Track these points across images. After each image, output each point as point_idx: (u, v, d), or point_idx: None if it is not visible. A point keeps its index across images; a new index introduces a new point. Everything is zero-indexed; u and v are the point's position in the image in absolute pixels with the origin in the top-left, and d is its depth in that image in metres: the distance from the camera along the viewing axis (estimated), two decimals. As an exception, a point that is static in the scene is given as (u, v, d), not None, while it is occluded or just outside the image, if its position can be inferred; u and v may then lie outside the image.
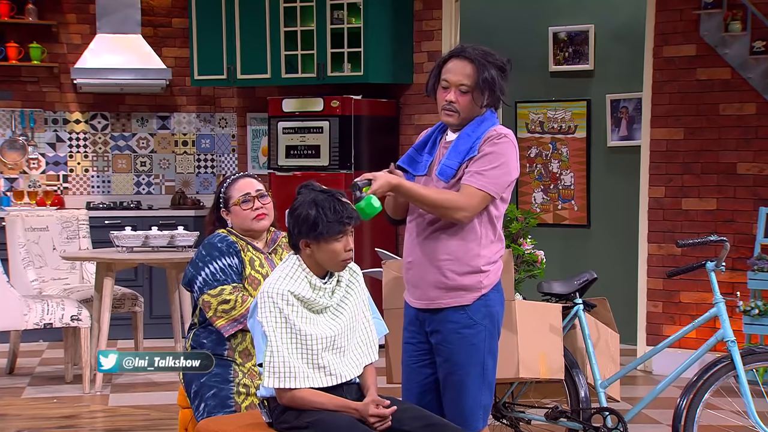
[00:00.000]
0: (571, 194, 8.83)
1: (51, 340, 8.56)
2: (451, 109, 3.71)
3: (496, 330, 3.80)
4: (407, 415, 3.46)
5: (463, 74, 3.67)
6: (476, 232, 3.71)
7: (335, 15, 8.36)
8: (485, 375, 3.75)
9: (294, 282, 3.45)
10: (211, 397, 4.01)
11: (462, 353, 3.71)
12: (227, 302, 4.02)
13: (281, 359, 3.39)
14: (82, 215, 7.99)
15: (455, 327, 3.71)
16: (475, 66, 3.67)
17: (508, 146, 3.69)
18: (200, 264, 4.08)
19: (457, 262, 3.70)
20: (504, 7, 9.07)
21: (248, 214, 4.17)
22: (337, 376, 3.48)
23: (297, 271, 3.48)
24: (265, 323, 3.41)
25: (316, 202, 3.43)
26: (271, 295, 3.42)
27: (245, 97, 9.47)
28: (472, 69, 3.67)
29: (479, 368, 3.73)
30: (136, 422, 6.05)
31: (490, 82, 3.66)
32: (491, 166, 3.65)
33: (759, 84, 7.06)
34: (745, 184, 7.18)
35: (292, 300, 3.42)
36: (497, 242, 3.78)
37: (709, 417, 5.21)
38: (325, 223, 3.41)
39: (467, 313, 3.71)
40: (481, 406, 3.76)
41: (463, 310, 3.71)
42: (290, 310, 3.41)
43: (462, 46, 3.77)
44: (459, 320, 3.71)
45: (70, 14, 9.21)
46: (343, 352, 3.51)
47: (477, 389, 3.74)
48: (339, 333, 3.50)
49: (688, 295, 7.35)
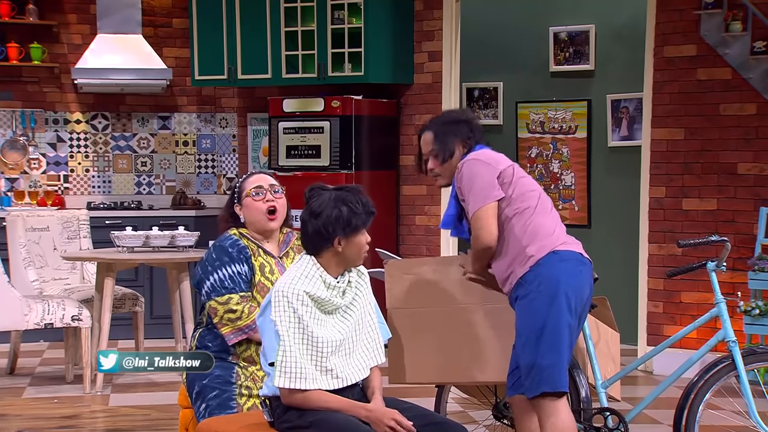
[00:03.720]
0: (571, 194, 8.83)
1: (51, 340, 8.56)
2: (435, 175, 4.19)
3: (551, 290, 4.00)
4: (409, 414, 3.46)
5: (426, 142, 4.19)
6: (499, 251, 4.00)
7: (336, 15, 8.36)
8: (545, 331, 3.97)
9: (309, 282, 3.48)
10: (214, 398, 4.01)
11: (520, 318, 4.01)
12: (233, 312, 4.02)
13: (293, 360, 3.40)
14: (83, 215, 7.99)
15: (512, 300, 4.09)
16: (433, 131, 4.16)
17: (470, 164, 4.02)
18: (209, 268, 4.07)
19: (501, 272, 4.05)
20: (504, 7, 9.07)
21: (259, 206, 4.14)
22: (344, 379, 3.49)
23: (312, 270, 3.50)
24: (279, 322, 3.42)
25: (341, 199, 3.53)
26: (286, 294, 3.44)
27: (246, 97, 9.47)
28: (431, 135, 4.16)
29: (536, 326, 3.97)
30: (136, 422, 6.05)
31: (442, 136, 4.11)
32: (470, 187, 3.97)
33: (759, 84, 7.06)
34: (745, 184, 7.18)
35: (306, 300, 3.44)
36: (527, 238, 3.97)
37: (711, 417, 5.21)
38: (358, 216, 3.51)
39: (523, 287, 3.98)
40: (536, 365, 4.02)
41: (519, 285, 3.99)
42: (304, 311, 3.43)
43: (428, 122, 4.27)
44: (515, 294, 4.03)
45: (71, 14, 9.21)
46: (350, 355, 3.52)
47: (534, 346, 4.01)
48: (347, 336, 3.51)
49: (688, 295, 7.35)
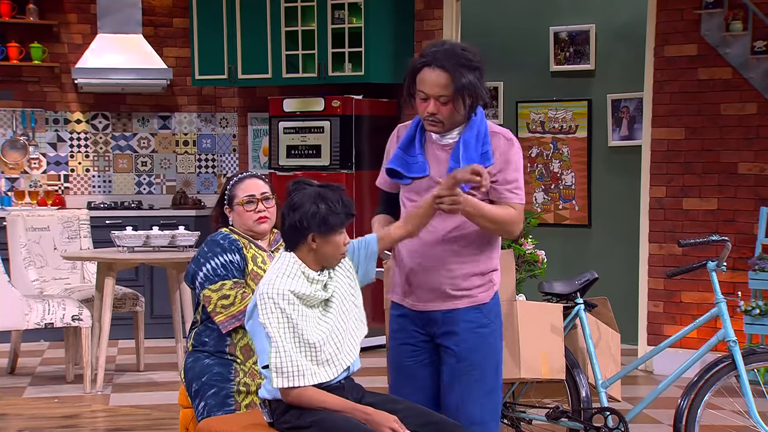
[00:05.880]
0: (572, 194, 8.83)
1: (52, 339, 8.56)
2: (434, 120, 3.57)
3: (501, 330, 3.81)
4: (407, 413, 3.45)
5: (439, 85, 3.50)
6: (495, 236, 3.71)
7: (336, 15, 8.36)
8: (498, 374, 3.76)
9: (291, 280, 3.45)
10: (212, 396, 4.01)
11: (478, 352, 3.68)
12: (227, 297, 4.03)
13: (288, 359, 3.38)
14: (83, 215, 7.99)
15: (471, 326, 3.68)
16: (450, 74, 3.49)
17: (518, 148, 3.67)
18: (202, 260, 4.09)
19: (476, 264, 3.68)
20: (505, 6, 9.07)
21: (250, 216, 4.18)
22: (340, 365, 3.48)
23: (293, 267, 3.48)
24: (268, 324, 3.40)
25: (322, 195, 3.46)
26: (271, 295, 3.42)
27: (246, 97, 9.47)
28: (448, 78, 3.49)
29: (493, 368, 3.73)
30: (137, 422, 6.05)
31: (469, 89, 3.52)
32: (520, 176, 3.63)
33: (760, 84, 7.06)
34: (746, 184, 7.17)
35: (292, 299, 3.42)
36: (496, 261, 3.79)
37: (711, 417, 5.21)
38: (335, 215, 3.44)
39: (482, 312, 3.69)
40: (495, 406, 3.76)
41: (479, 310, 3.69)
42: (291, 309, 3.41)
43: (433, 50, 3.55)
44: (474, 319, 3.69)
45: (71, 14, 9.21)
46: (342, 341, 3.50)
47: (493, 388, 3.74)
48: (335, 323, 3.50)
49: (689, 295, 7.35)
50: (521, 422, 5.07)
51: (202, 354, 4.10)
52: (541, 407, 5.05)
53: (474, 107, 3.60)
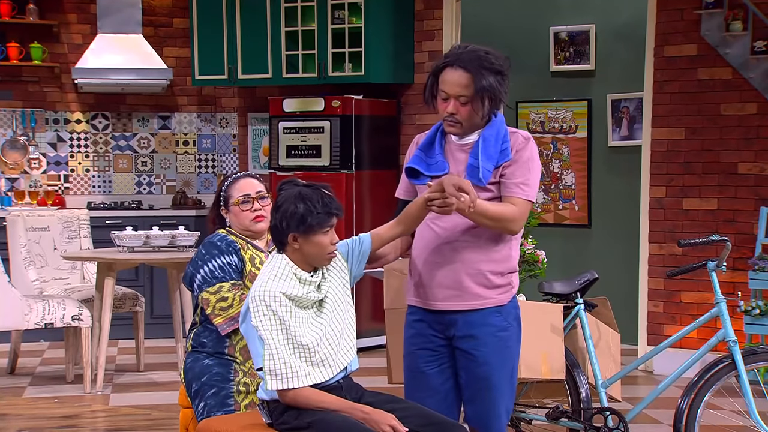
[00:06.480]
0: (572, 194, 8.83)
1: (52, 339, 8.56)
2: (453, 120, 3.62)
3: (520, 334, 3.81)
4: (407, 413, 3.45)
5: (460, 85, 3.56)
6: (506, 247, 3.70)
7: (336, 15, 8.36)
8: (513, 378, 3.76)
9: (283, 282, 3.44)
10: (211, 396, 4.02)
11: (497, 356, 3.68)
12: (225, 299, 4.03)
13: (281, 360, 3.38)
14: (83, 215, 7.99)
15: (492, 330, 3.67)
16: (471, 75, 3.56)
17: (535, 149, 3.68)
18: (199, 262, 4.09)
19: (496, 263, 3.67)
20: (505, 6, 9.07)
21: (247, 215, 4.18)
22: (336, 365, 3.47)
23: (284, 269, 3.47)
24: (261, 327, 3.39)
25: (303, 195, 3.44)
26: (263, 298, 3.41)
27: (246, 97, 9.47)
28: (469, 79, 3.56)
29: (510, 372, 3.73)
30: (137, 422, 6.05)
31: (489, 90, 3.58)
32: (531, 174, 3.63)
33: (760, 84, 7.06)
34: (746, 184, 7.17)
35: (284, 301, 3.41)
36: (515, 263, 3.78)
37: (711, 417, 5.21)
38: (315, 215, 3.41)
39: (502, 315, 3.69)
40: (507, 410, 3.77)
41: (499, 313, 3.68)
42: (284, 311, 3.40)
43: (457, 51, 3.62)
44: (495, 323, 3.68)
45: (71, 14, 9.21)
46: (336, 341, 3.50)
47: (508, 393, 3.74)
48: (328, 324, 3.49)
49: (689, 295, 7.35)
50: (521, 422, 5.07)
51: (201, 354, 4.10)
52: (541, 407, 5.05)
53: (493, 110, 3.64)
